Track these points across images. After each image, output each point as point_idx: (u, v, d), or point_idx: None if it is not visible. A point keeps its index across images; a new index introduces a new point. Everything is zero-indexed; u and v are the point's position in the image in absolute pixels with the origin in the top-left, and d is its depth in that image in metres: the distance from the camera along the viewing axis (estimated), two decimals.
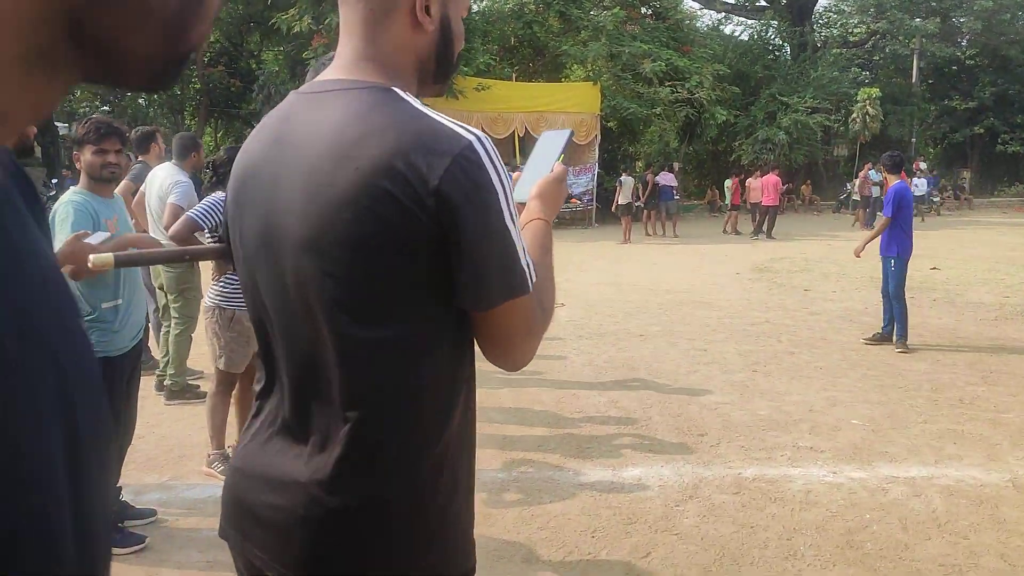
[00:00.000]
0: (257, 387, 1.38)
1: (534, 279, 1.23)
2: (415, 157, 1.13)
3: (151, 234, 5.42)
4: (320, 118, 1.23)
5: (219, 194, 4.21)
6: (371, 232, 1.15)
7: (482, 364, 1.30)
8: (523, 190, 1.50)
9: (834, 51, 33.24)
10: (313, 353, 1.23)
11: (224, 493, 1.40)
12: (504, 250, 1.18)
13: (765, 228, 19.63)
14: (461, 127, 1.19)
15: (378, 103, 1.20)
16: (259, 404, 1.37)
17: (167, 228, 4.57)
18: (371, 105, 1.20)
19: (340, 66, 1.28)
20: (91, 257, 1.54)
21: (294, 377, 1.28)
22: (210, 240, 4.26)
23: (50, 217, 3.50)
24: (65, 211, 3.48)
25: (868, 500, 4.23)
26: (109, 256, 1.56)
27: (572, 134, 1.70)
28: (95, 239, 3.28)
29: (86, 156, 3.62)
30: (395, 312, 1.20)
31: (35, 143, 4.82)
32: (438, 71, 1.34)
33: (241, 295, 1.80)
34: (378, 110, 1.19)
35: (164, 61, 0.53)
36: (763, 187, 19.61)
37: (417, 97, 1.30)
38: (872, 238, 7.93)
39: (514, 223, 1.20)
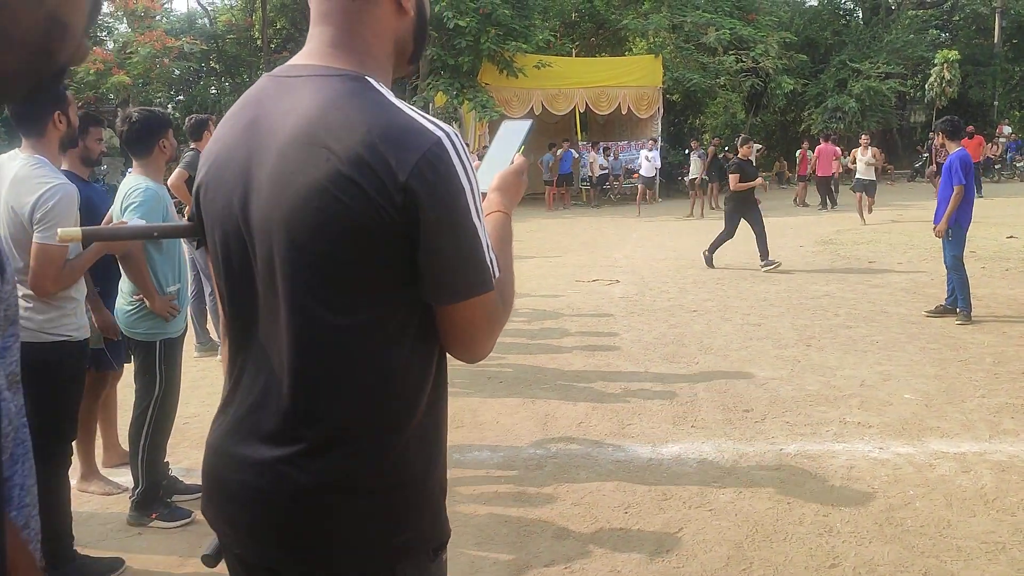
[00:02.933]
0: (229, 364, 1.40)
1: (497, 275, 1.25)
2: (384, 150, 1.14)
3: None
4: (291, 104, 1.23)
5: None
6: (338, 221, 1.16)
7: (527, 340, 1.32)
8: (483, 181, 1.48)
9: (909, 13, 31.98)
10: (281, 335, 1.24)
11: (204, 472, 1.41)
12: (469, 247, 1.20)
13: (828, 200, 19.16)
14: (431, 122, 1.20)
15: (349, 92, 1.21)
16: (230, 381, 1.38)
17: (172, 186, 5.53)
18: (343, 94, 1.21)
19: (313, 51, 1.28)
20: (59, 231, 1.59)
21: (263, 358, 1.29)
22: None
23: (121, 200, 3.63)
24: (140, 197, 3.60)
25: (913, 476, 4.12)
26: (77, 230, 1.61)
27: (532, 125, 1.70)
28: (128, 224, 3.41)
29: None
30: (362, 299, 1.21)
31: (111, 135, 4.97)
32: (415, 51, 1.37)
33: None
34: (349, 100, 1.20)
35: (36, 78, 0.58)
36: (818, 157, 19.10)
37: (396, 76, 1.34)
38: (952, 212, 7.42)
39: (480, 220, 1.22)
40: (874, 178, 16.32)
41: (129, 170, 3.86)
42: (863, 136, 17.46)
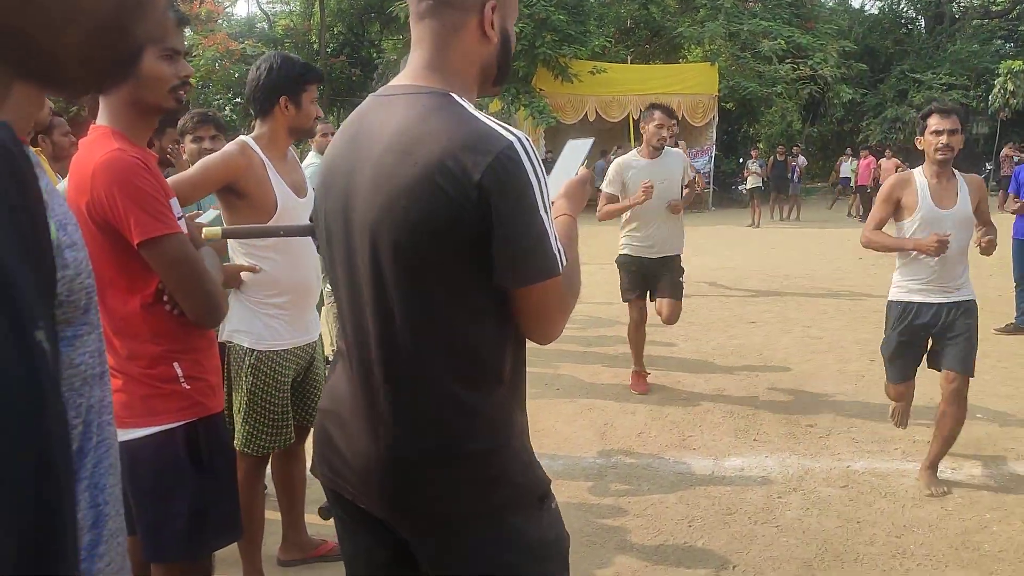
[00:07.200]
0: (338, 343, 1.61)
1: (564, 263, 1.40)
2: (462, 155, 1.31)
3: None
4: (387, 118, 1.43)
5: None
6: (424, 219, 1.34)
7: (582, 348, 1.33)
8: (551, 191, 1.63)
9: (974, 22, 31.23)
10: (379, 319, 1.43)
11: (315, 433, 1.62)
12: (538, 236, 1.35)
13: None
14: (505, 128, 1.37)
15: (435, 107, 1.39)
16: (340, 355, 1.58)
17: None
18: (429, 108, 1.39)
19: (408, 72, 1.49)
20: (204, 230, 1.73)
21: (364, 339, 1.47)
22: None
23: None
24: None
25: (989, 498, 3.99)
26: (217, 229, 1.76)
27: (594, 142, 1.91)
28: (205, 218, 3.45)
29: (187, 144, 3.86)
30: (447, 286, 1.39)
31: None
32: (498, 75, 1.55)
33: None
34: (434, 113, 1.38)
35: (109, 58, 0.50)
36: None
37: (480, 96, 1.54)
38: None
39: (547, 214, 1.37)
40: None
41: None
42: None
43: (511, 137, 1.34)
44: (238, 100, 27.95)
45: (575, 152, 1.87)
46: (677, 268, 5.68)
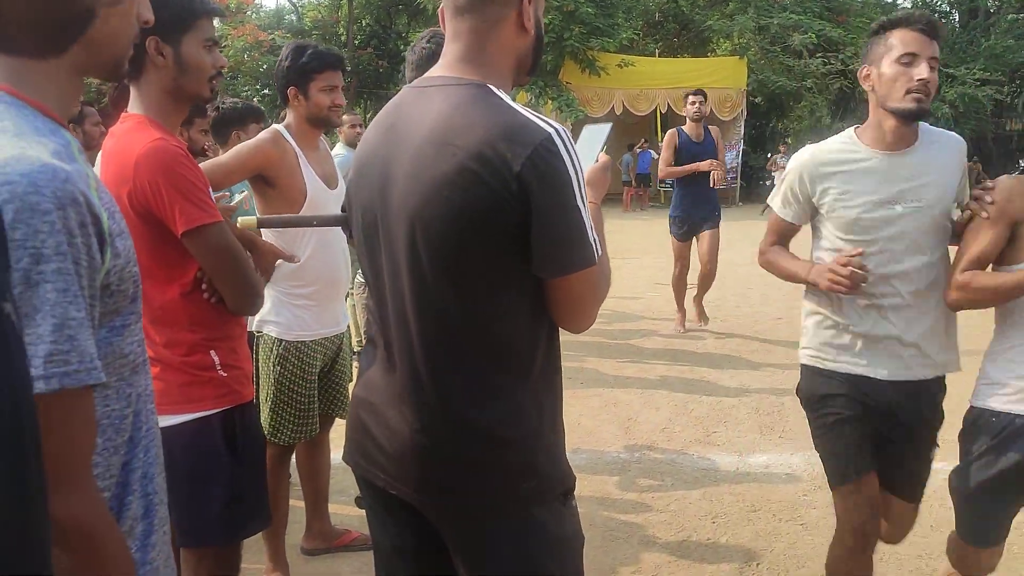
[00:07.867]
0: (373, 332, 1.60)
1: (600, 252, 1.43)
2: (502, 146, 1.33)
3: None
4: (425, 109, 1.44)
5: None
6: (464, 208, 1.35)
7: (607, 341, 1.32)
8: None
9: (1009, 17, 30.68)
10: (417, 308, 1.44)
11: (349, 421, 1.65)
12: (576, 227, 1.37)
13: None
14: (542, 120, 1.38)
15: (474, 99, 1.41)
16: (373, 344, 1.60)
17: None
18: (468, 100, 1.41)
19: (445, 64, 1.50)
20: (240, 219, 1.75)
21: (400, 328, 1.49)
22: None
23: None
24: None
25: None
26: (252, 219, 1.79)
27: (612, 128, 1.88)
28: (234, 200, 3.47)
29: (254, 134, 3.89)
30: (483, 277, 1.40)
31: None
32: (532, 64, 1.57)
33: None
34: (473, 104, 1.40)
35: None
36: None
37: (512, 85, 1.54)
38: None
39: (584, 204, 1.38)
40: None
41: None
42: None
43: (549, 129, 1.36)
44: (266, 92, 28.13)
45: (593, 137, 1.85)
46: (934, 416, 2.83)
